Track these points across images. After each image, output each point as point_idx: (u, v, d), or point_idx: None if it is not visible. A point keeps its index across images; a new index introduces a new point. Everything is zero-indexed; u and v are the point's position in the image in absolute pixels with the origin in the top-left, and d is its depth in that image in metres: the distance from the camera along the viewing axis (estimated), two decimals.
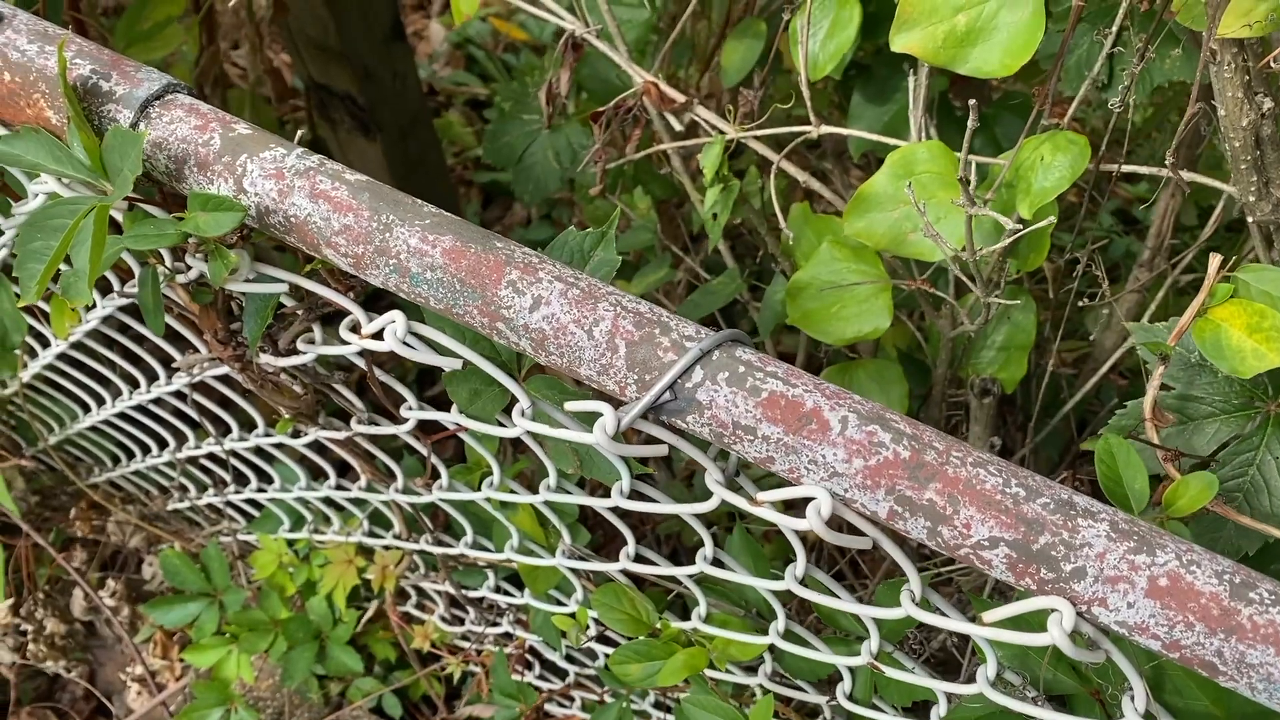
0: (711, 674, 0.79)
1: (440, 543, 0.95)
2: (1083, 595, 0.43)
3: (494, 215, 2.00)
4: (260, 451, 1.04)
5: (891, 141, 0.80)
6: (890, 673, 0.62)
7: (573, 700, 1.11)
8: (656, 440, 0.53)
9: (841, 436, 0.46)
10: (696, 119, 0.92)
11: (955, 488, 0.45)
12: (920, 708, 0.70)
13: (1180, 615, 0.42)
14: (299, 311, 0.67)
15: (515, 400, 0.60)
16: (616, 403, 0.53)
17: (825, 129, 0.83)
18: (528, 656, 1.11)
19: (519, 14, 2.01)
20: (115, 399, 1.10)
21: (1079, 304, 0.93)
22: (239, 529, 1.25)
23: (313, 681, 1.24)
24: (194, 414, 0.98)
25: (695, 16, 1.27)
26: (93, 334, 0.98)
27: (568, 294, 0.51)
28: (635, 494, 0.62)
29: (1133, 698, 0.49)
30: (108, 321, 0.93)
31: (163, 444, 1.16)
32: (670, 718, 0.98)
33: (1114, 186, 0.92)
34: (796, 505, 0.50)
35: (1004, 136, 1.04)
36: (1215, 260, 0.62)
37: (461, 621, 1.15)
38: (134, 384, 1.05)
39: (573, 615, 0.89)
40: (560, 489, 0.70)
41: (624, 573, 0.77)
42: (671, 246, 1.28)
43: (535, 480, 0.72)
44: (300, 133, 0.61)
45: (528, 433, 0.60)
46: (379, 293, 1.44)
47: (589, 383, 0.52)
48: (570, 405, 0.54)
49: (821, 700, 0.77)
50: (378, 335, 0.57)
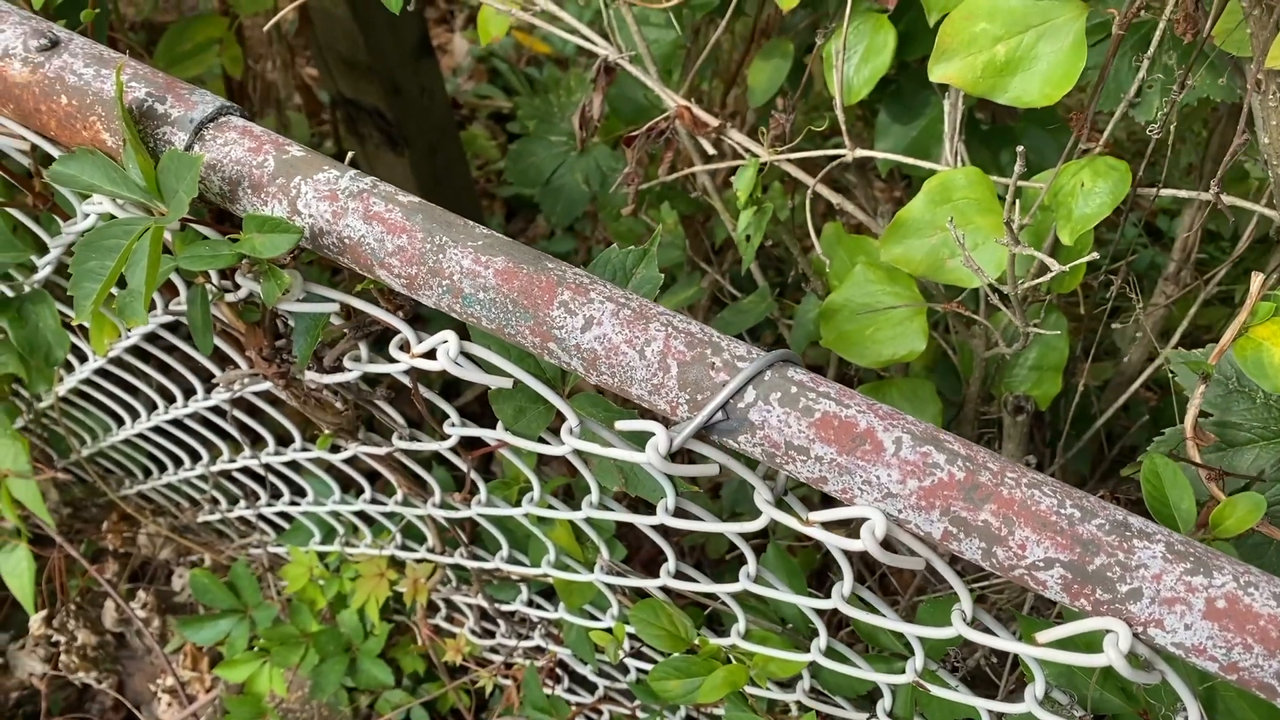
0: (748, 690, 0.79)
1: (475, 557, 0.96)
2: (1139, 616, 0.44)
3: (517, 228, 2.01)
4: (293, 464, 1.04)
5: (923, 165, 0.81)
6: (935, 691, 0.62)
7: (601, 713, 1.11)
8: (705, 459, 0.53)
9: (896, 457, 0.47)
10: (727, 139, 0.93)
11: (1010, 509, 0.45)
12: None
13: (1239, 637, 0.42)
14: (345, 330, 0.68)
15: (559, 417, 0.60)
16: (666, 422, 0.53)
17: (860, 152, 0.84)
18: (557, 670, 1.11)
19: (542, 27, 2.02)
20: (150, 413, 1.11)
21: (1113, 325, 0.93)
22: (269, 541, 1.26)
23: (343, 694, 1.24)
24: (230, 428, 0.99)
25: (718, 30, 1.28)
26: (129, 348, 0.99)
27: (619, 314, 0.52)
28: (679, 511, 0.62)
29: (1186, 719, 0.49)
30: (145, 336, 0.94)
31: (195, 457, 1.17)
32: None
33: (1139, 198, 0.92)
34: (840, 523, 0.50)
35: (1031, 149, 1.04)
36: (1258, 278, 0.62)
37: (492, 635, 1.15)
38: (169, 398, 1.06)
39: (609, 630, 0.89)
40: (601, 505, 0.71)
41: (660, 588, 0.77)
42: (700, 263, 1.29)
43: (569, 495, 0.73)
44: (351, 155, 0.62)
45: (574, 450, 0.61)
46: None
47: (639, 402, 0.53)
48: (621, 425, 0.55)
49: (861, 717, 0.77)
50: (429, 354, 0.58)
